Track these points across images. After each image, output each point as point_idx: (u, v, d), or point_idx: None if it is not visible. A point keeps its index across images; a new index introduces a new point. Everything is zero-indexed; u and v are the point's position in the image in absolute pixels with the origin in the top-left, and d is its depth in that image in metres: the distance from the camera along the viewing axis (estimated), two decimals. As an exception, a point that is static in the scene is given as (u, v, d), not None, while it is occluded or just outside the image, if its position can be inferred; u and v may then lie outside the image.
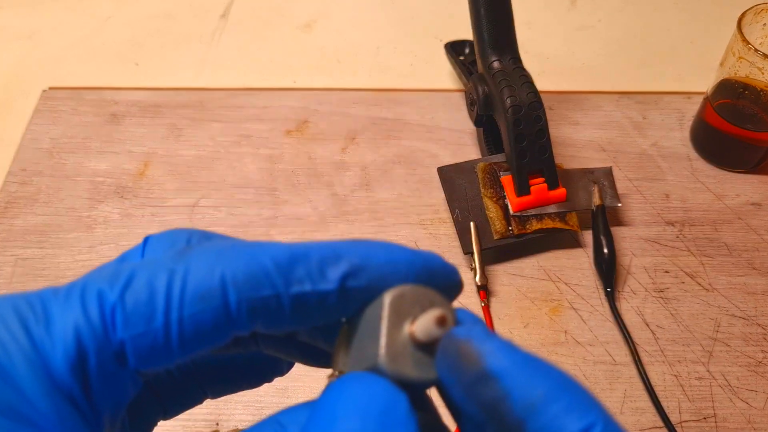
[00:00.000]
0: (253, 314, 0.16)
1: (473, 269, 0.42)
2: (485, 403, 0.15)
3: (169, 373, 0.21)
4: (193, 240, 0.18)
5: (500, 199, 0.44)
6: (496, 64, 0.44)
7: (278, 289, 0.16)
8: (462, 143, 0.51)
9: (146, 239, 0.18)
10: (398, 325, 0.16)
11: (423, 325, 0.16)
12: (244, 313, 0.16)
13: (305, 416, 0.15)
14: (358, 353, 0.17)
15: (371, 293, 0.17)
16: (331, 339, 0.19)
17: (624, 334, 0.40)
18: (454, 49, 0.55)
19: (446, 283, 0.18)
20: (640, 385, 0.39)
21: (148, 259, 0.16)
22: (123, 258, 0.17)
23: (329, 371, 0.18)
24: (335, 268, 0.16)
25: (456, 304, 0.42)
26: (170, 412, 0.21)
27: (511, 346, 0.15)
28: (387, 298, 0.17)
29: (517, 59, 0.45)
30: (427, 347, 0.16)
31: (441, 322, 0.16)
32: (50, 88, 0.55)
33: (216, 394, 0.22)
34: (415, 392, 0.16)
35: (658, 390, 0.38)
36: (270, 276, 0.16)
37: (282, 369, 0.23)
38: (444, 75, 0.57)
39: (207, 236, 0.18)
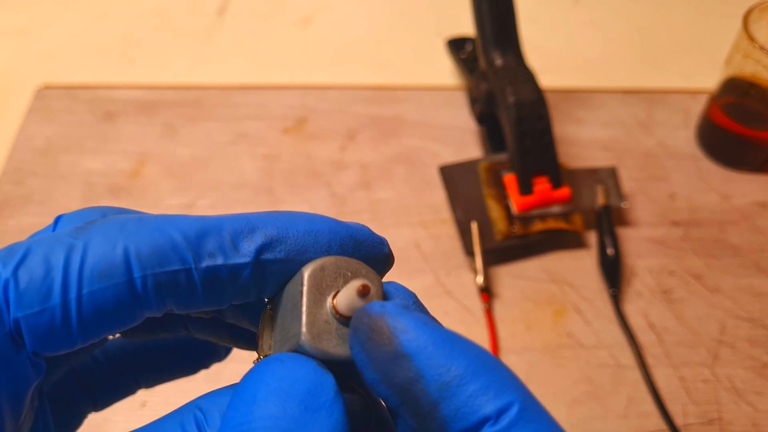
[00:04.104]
0: (161, 291, 0.15)
1: (475, 271, 0.42)
2: (398, 385, 0.14)
3: (96, 361, 0.20)
4: (108, 217, 0.17)
5: (503, 199, 0.43)
6: (498, 61, 0.43)
7: (187, 263, 0.15)
8: (464, 142, 0.50)
9: (58, 218, 0.17)
10: (320, 300, 0.15)
11: (345, 297, 0.15)
12: (151, 290, 0.15)
13: (227, 400, 0.15)
14: (282, 334, 0.16)
15: (291, 266, 0.16)
16: (258, 319, 0.18)
17: (629, 336, 0.40)
18: (455, 45, 0.54)
19: (374, 255, 0.17)
20: (644, 388, 0.38)
21: (48, 235, 0.15)
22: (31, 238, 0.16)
23: (255, 356, 0.17)
24: (249, 240, 0.16)
25: (457, 305, 0.42)
26: (101, 404, 0.20)
27: (427, 322, 0.14)
28: (306, 271, 0.15)
29: (520, 56, 0.44)
30: None
31: (363, 292, 0.14)
32: (45, 87, 0.54)
33: (149, 383, 0.21)
34: (346, 372, 0.15)
35: (662, 393, 0.38)
36: (178, 249, 0.15)
37: (219, 354, 0.22)
38: (445, 72, 0.56)
39: (122, 213, 0.17)
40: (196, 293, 0.15)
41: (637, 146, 0.50)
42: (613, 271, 0.42)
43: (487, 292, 0.41)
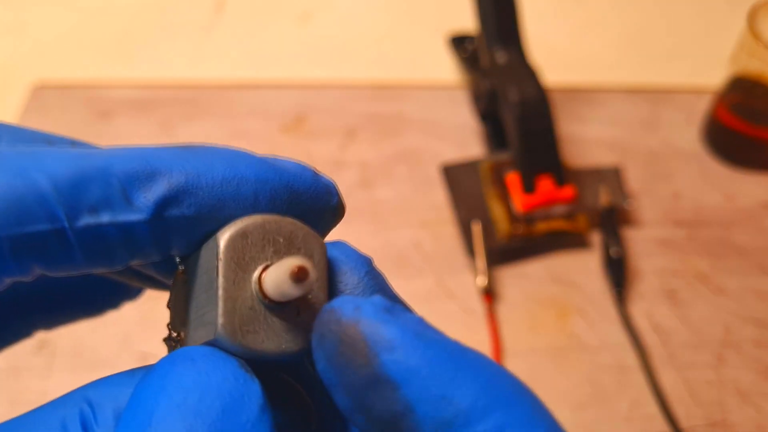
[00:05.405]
0: (22, 255, 0.11)
1: (477, 272, 0.41)
2: (378, 419, 0.10)
3: None
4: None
5: (506, 198, 0.42)
6: (501, 59, 0.43)
7: (58, 221, 0.11)
8: (466, 140, 0.50)
9: None
10: (242, 279, 0.12)
11: (274, 280, 0.11)
12: (8, 254, 0.11)
13: (124, 393, 0.12)
14: (197, 312, 0.12)
15: (204, 225, 0.12)
16: (168, 270, 0.14)
17: (633, 338, 0.39)
18: (458, 42, 0.53)
19: (317, 207, 0.14)
20: (648, 390, 0.38)
21: None
22: None
23: (166, 333, 0.14)
24: (147, 190, 0.12)
25: (459, 307, 0.41)
26: None
27: (420, 333, 0.11)
28: (222, 240, 0.12)
29: (523, 53, 0.44)
30: (286, 307, 0.12)
31: (299, 277, 0.11)
32: (40, 85, 0.53)
33: (47, 325, 0.18)
34: (281, 369, 0.12)
35: (667, 395, 0.38)
36: (46, 203, 0.11)
37: (130, 292, 0.18)
38: (447, 69, 0.55)
39: (13, 133, 0.14)
40: (73, 257, 0.12)
41: (641, 145, 0.50)
42: (617, 272, 0.41)
43: (489, 293, 0.41)
